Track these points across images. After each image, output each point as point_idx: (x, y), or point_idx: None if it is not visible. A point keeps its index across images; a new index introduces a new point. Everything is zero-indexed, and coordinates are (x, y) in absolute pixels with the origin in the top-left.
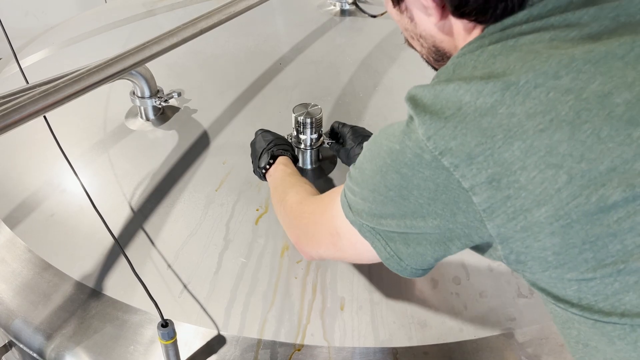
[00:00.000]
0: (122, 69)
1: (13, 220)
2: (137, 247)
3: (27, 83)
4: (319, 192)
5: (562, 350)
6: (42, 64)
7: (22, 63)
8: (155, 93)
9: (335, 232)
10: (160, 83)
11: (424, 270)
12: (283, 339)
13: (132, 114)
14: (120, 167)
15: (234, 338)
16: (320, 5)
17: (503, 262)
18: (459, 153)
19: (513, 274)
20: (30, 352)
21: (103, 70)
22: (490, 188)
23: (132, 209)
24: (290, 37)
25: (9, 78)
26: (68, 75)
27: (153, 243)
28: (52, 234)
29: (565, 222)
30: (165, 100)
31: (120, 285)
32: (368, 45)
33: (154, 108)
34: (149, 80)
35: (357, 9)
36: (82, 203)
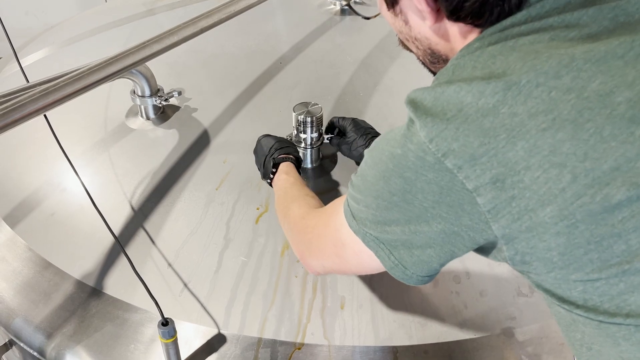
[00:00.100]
0: (122, 68)
1: (14, 219)
2: (137, 245)
3: (27, 82)
4: (321, 192)
5: (562, 349)
6: (42, 63)
7: (22, 62)
8: (156, 92)
9: (339, 242)
10: (161, 82)
11: (430, 277)
12: (283, 338)
13: (132, 113)
14: (121, 166)
15: (235, 337)
16: (321, 5)
17: (508, 263)
18: (462, 154)
19: (513, 273)
20: (31, 350)
21: (103, 69)
22: (495, 189)
23: (132, 208)
24: (291, 36)
25: (9, 77)
26: (68, 74)
27: (153, 242)
28: (52, 233)
29: (570, 222)
30: (166, 99)
31: (121, 284)
32: (368, 45)
33: (155, 107)
34: (150, 79)
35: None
36: (82, 202)
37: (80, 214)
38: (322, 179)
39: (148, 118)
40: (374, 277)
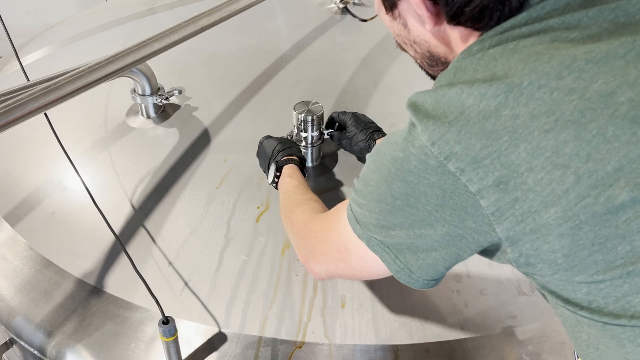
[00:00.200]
0: (122, 67)
1: (14, 218)
2: (138, 244)
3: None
4: (322, 190)
5: (562, 348)
6: (42, 62)
7: (22, 61)
8: (156, 91)
9: (344, 247)
10: (161, 81)
11: (436, 281)
12: (284, 337)
13: (132, 112)
14: (121, 164)
15: (235, 335)
16: (321, 4)
17: (512, 265)
18: (465, 157)
19: (514, 272)
20: (32, 349)
21: (104, 68)
22: (498, 191)
23: (133, 207)
24: (291, 35)
25: (10, 76)
26: (69, 73)
27: (154, 240)
28: (53, 232)
29: (574, 223)
30: (166, 98)
31: (121, 283)
32: (369, 44)
33: (155, 106)
34: (150, 78)
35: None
36: (83, 200)
37: (81, 213)
38: (322, 178)
39: (148, 117)
40: None
